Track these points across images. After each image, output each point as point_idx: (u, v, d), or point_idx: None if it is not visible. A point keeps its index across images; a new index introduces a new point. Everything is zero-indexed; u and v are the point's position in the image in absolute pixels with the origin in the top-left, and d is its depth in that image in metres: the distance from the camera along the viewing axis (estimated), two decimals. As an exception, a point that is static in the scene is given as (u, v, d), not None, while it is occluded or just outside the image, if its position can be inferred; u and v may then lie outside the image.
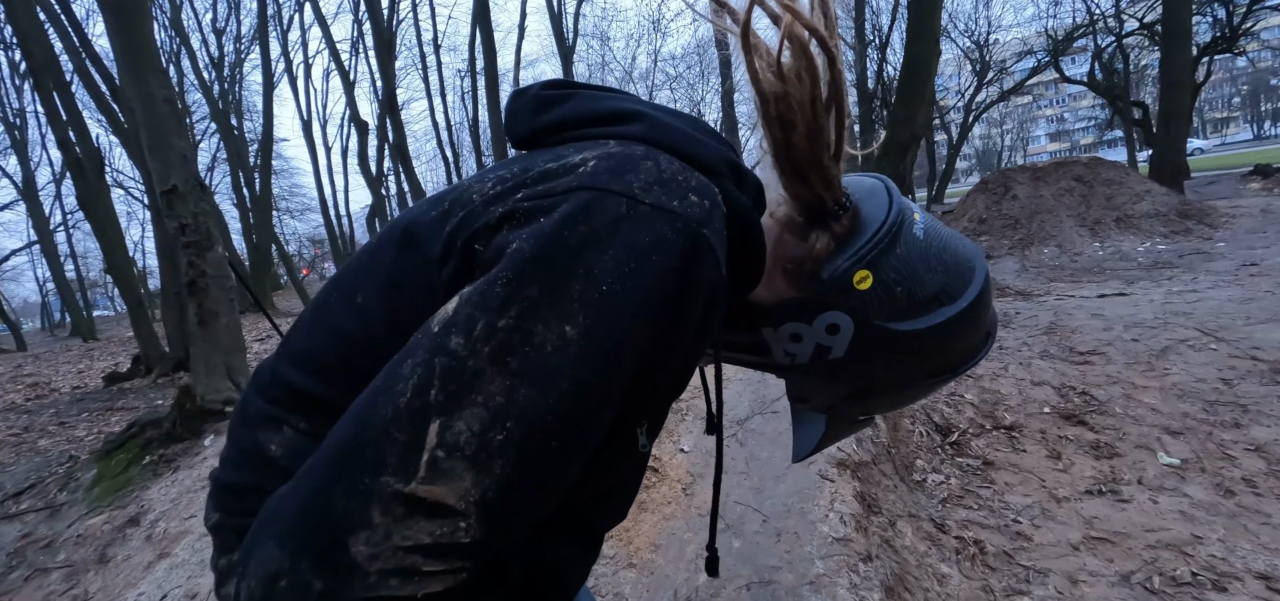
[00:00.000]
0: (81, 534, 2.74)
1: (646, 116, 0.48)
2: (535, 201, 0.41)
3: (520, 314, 0.37)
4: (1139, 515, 2.21)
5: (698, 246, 0.39)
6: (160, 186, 3.06)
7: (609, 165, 0.41)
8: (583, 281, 0.37)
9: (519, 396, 0.36)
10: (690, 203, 0.40)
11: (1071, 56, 16.03)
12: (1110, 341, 3.57)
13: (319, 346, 0.47)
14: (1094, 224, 7.73)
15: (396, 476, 0.36)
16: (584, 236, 0.38)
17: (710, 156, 0.46)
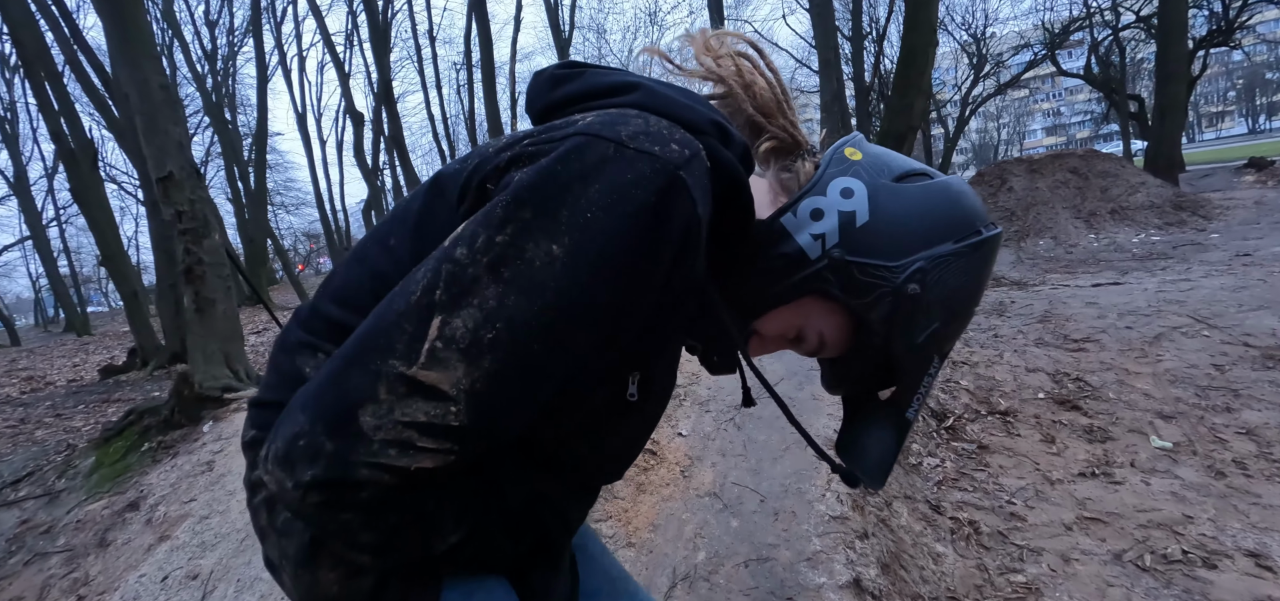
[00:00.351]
0: (81, 519, 2.73)
1: (644, 86, 0.52)
2: (537, 146, 0.47)
3: (515, 232, 0.42)
4: (1131, 496, 2.24)
5: (674, 184, 0.43)
6: (156, 173, 3.05)
7: (603, 119, 0.47)
8: (570, 208, 0.42)
9: (509, 302, 0.41)
10: (671, 149, 0.44)
11: (1068, 50, 16.05)
12: (1104, 329, 3.60)
13: (353, 283, 0.54)
14: (1089, 216, 7.77)
15: (402, 360, 0.41)
16: (574, 171, 0.43)
17: (698, 119, 0.50)
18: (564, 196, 0.42)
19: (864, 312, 0.55)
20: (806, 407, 2.43)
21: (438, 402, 0.41)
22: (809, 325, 0.58)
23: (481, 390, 0.42)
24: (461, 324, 0.41)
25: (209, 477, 2.50)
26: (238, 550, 1.99)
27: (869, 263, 0.54)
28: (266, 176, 17.77)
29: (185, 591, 1.95)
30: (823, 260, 0.54)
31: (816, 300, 0.56)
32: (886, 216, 0.54)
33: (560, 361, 0.44)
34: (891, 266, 0.53)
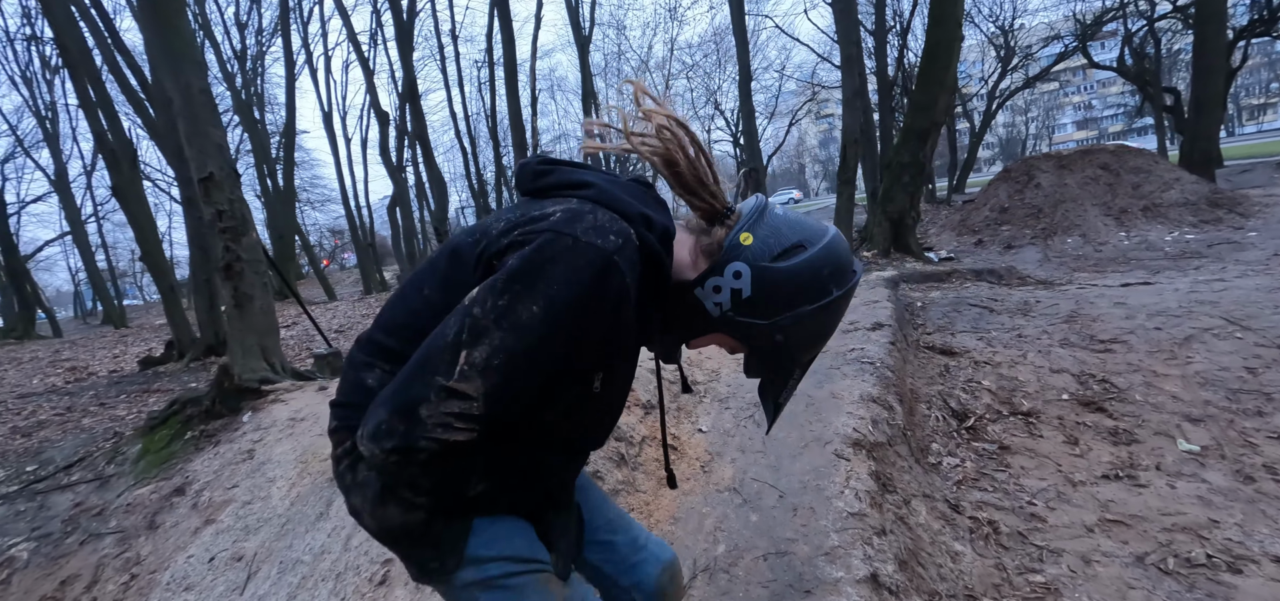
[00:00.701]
0: (130, 503, 2.89)
1: (596, 185, 0.78)
2: (523, 236, 0.71)
3: (510, 298, 0.67)
4: (1155, 499, 2.22)
5: (609, 266, 0.69)
6: (198, 174, 3.18)
7: (566, 217, 0.71)
8: (543, 283, 0.67)
9: (508, 341, 0.67)
10: (609, 239, 0.70)
11: (1100, 41, 15.55)
12: (1132, 330, 3.55)
13: (398, 320, 0.81)
14: (1120, 213, 7.59)
15: (443, 376, 0.67)
16: (546, 257, 0.68)
17: (632, 211, 0.75)
18: (539, 274, 0.68)
19: (751, 346, 0.82)
20: (826, 405, 2.46)
21: (465, 401, 0.67)
22: (723, 344, 0.84)
23: (491, 392, 0.67)
24: (479, 355, 0.67)
25: (250, 465, 2.62)
26: (279, 534, 2.09)
27: (750, 322, 0.78)
28: (294, 174, 18.20)
29: (231, 572, 2.06)
30: (721, 318, 0.79)
31: (722, 334, 0.82)
32: (763, 290, 0.77)
33: (537, 376, 0.70)
34: (765, 324, 0.78)
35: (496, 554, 0.80)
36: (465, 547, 0.79)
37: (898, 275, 5.41)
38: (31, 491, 3.48)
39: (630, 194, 0.79)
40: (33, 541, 2.97)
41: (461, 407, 0.67)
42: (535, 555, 0.83)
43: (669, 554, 1.09)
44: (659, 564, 1.06)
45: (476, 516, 0.80)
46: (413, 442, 0.68)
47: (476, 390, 0.66)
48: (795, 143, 43.12)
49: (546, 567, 0.84)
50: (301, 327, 9.94)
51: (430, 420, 0.67)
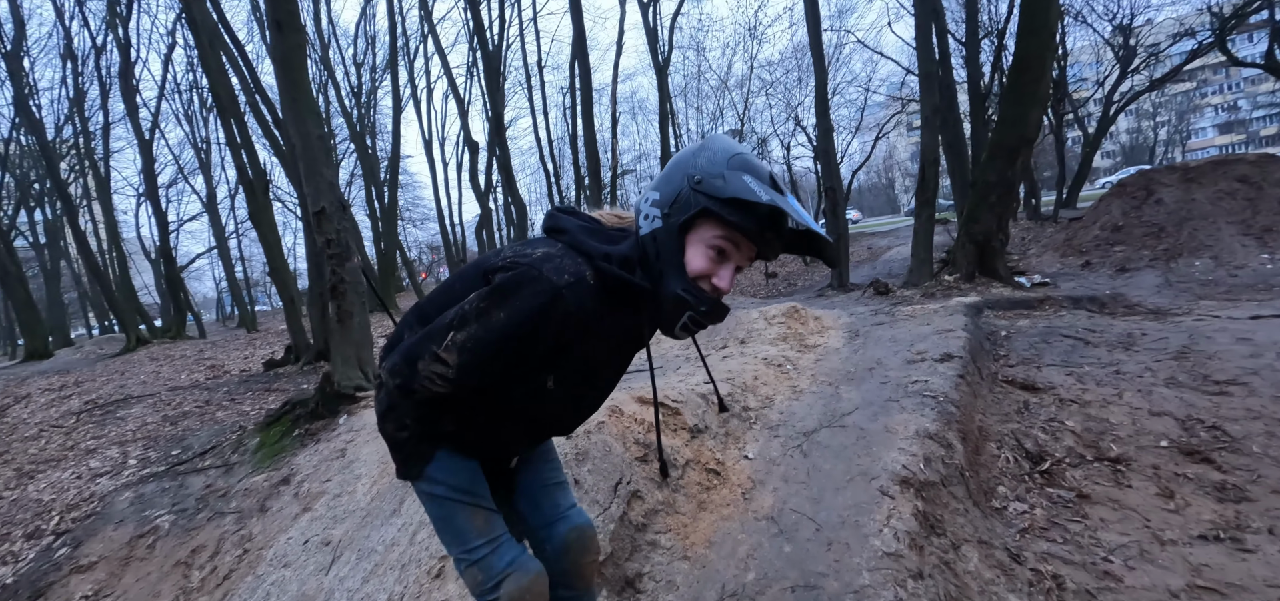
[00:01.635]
0: (247, 488, 3.35)
1: (569, 233, 1.04)
2: (510, 264, 0.98)
3: (488, 304, 0.96)
4: (1263, 568, 1.97)
5: (557, 296, 0.94)
6: (312, 207, 3.67)
7: (540, 256, 0.98)
8: (510, 298, 0.95)
9: (478, 332, 0.96)
10: (563, 276, 0.95)
11: (1246, 33, 13.59)
12: (1256, 370, 3.14)
13: (438, 300, 1.10)
14: (1263, 231, 6.65)
15: (437, 345, 0.98)
16: (516, 282, 0.95)
17: (594, 252, 1.00)
18: (510, 292, 0.95)
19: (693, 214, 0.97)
20: (878, 439, 2.41)
21: (445, 367, 0.97)
22: (710, 237, 0.98)
23: (462, 366, 0.97)
24: (459, 337, 0.96)
25: (342, 462, 2.96)
26: (361, 524, 2.37)
27: (672, 195, 0.99)
28: (397, 195, 19.93)
29: (319, 555, 2.35)
30: (664, 220, 0.98)
31: (692, 239, 0.98)
32: (662, 183, 1.01)
33: (497, 362, 0.98)
34: (679, 186, 0.98)
35: (443, 478, 1.10)
36: (427, 467, 1.10)
37: (981, 301, 5.08)
38: (174, 473, 4.11)
39: (599, 237, 1.03)
40: (172, 514, 3.52)
41: (442, 370, 0.97)
42: (473, 490, 1.12)
43: (583, 519, 1.31)
44: (569, 524, 1.28)
45: (444, 447, 1.10)
46: (409, 384, 1.01)
47: (453, 361, 0.96)
48: (883, 156, 41.12)
49: (479, 502, 1.12)
50: (398, 336, 10.82)
51: (423, 372, 0.98)
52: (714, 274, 0.98)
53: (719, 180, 0.94)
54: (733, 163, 0.95)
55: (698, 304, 0.97)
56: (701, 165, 0.96)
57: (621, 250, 1.01)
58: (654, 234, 0.99)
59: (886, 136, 21.29)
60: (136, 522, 3.60)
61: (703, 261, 0.97)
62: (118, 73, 14.95)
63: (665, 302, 0.99)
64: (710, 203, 0.94)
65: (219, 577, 2.85)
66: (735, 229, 0.95)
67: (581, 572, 1.29)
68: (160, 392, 7.83)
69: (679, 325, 1.00)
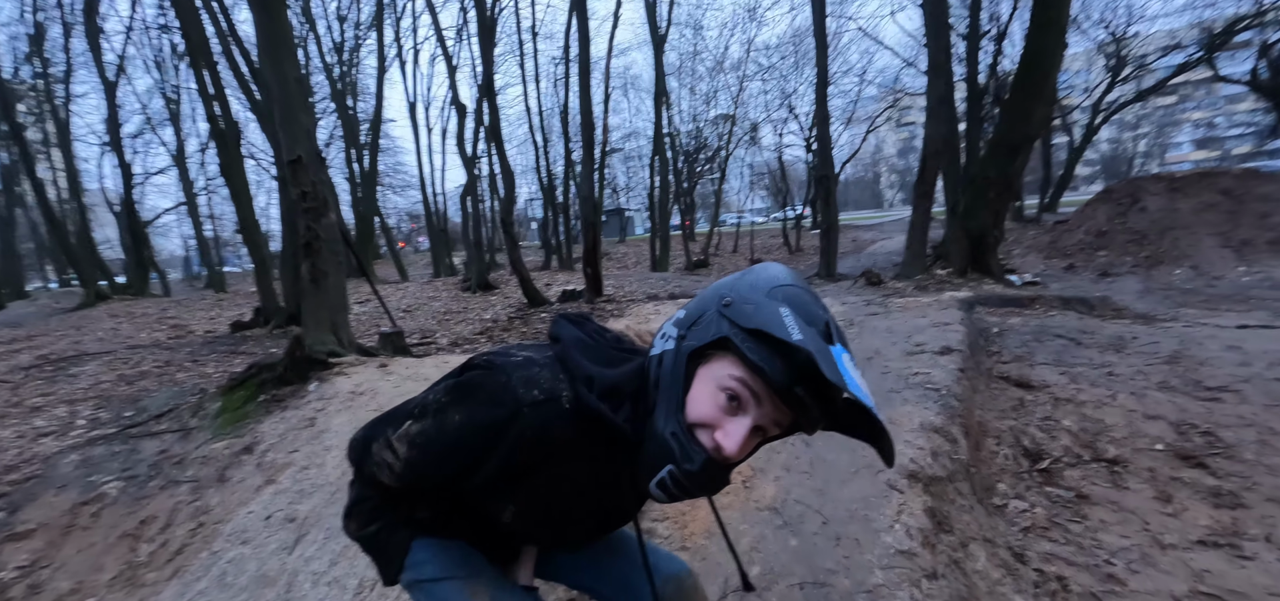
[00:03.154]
0: (206, 456, 3.13)
1: (564, 342, 0.86)
2: (485, 362, 0.84)
3: (447, 401, 0.82)
4: (1262, 576, 1.94)
5: (517, 414, 0.77)
6: (287, 156, 3.42)
7: (518, 362, 0.82)
8: (472, 401, 0.80)
9: (430, 431, 0.83)
10: (532, 393, 0.78)
11: (1230, 52, 13.85)
12: (1248, 379, 3.14)
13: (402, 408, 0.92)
14: (1241, 244, 6.76)
15: (392, 430, 0.86)
16: (480, 384, 0.81)
17: (578, 369, 0.81)
18: (469, 394, 0.81)
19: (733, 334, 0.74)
20: (880, 431, 2.32)
21: (394, 456, 0.85)
22: (723, 376, 0.74)
23: (408, 461, 0.84)
24: (413, 429, 0.84)
25: (311, 432, 2.77)
26: (329, 501, 2.20)
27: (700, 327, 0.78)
28: (378, 159, 19.32)
29: (283, 531, 2.18)
30: (679, 341, 0.79)
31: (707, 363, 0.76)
32: (690, 314, 0.81)
33: (443, 467, 0.83)
34: (707, 317, 0.78)
35: (431, 557, 0.93)
36: (406, 558, 0.93)
37: (974, 297, 5.05)
38: (126, 435, 3.86)
39: (595, 355, 0.84)
40: (122, 480, 3.28)
41: (390, 460, 0.85)
42: (467, 563, 0.94)
43: (678, 566, 1.06)
44: (659, 575, 1.01)
45: (421, 535, 0.93)
46: (361, 465, 0.91)
47: (401, 455, 0.84)
48: (872, 151, 41.38)
49: (480, 575, 0.94)
50: (373, 305, 10.52)
51: (375, 455, 0.87)
52: (719, 426, 0.73)
53: (749, 306, 0.73)
54: (774, 293, 0.73)
55: (683, 457, 0.73)
56: (740, 288, 0.76)
57: (613, 375, 0.81)
58: (662, 356, 0.79)
59: (877, 131, 21.34)
60: (81, 488, 3.35)
61: (707, 405, 0.74)
62: (82, 10, 14.09)
63: (646, 444, 0.76)
64: (732, 331, 0.72)
65: (170, 552, 2.65)
66: (756, 372, 0.71)
67: None
68: (118, 350, 7.45)
69: (655, 481, 0.76)
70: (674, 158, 19.11)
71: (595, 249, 7.55)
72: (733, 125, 18.87)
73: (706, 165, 20.66)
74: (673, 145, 18.69)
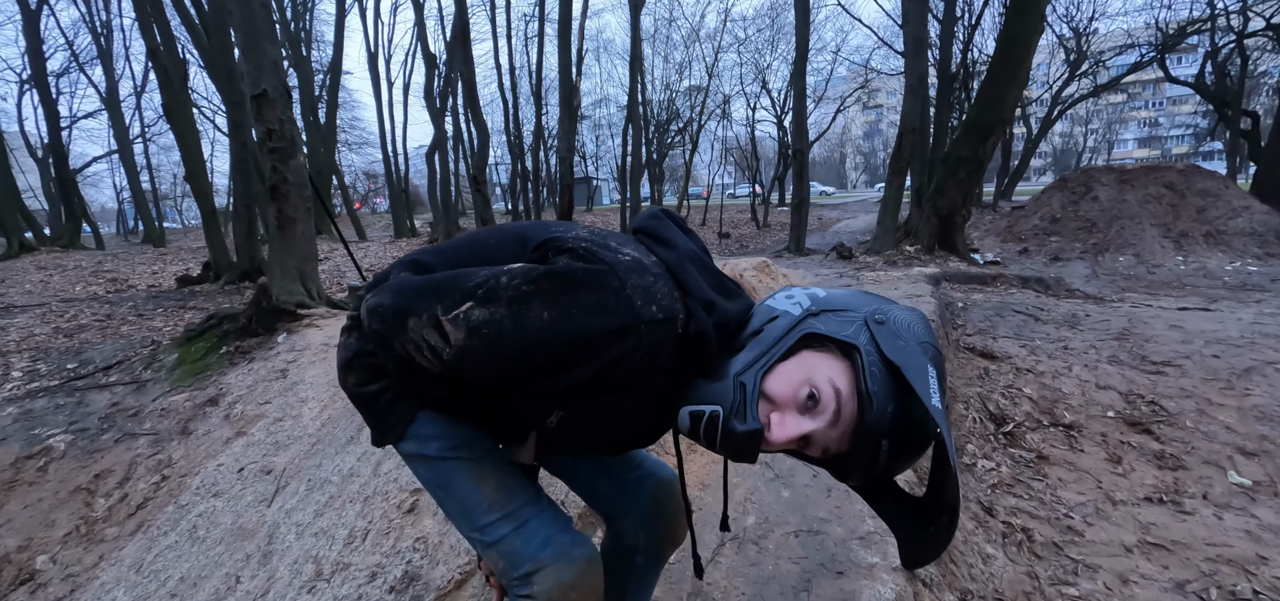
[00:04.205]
0: (165, 408, 2.98)
1: (677, 250, 0.75)
2: (588, 253, 0.69)
3: (533, 292, 0.66)
4: (1200, 528, 2.12)
5: (632, 327, 0.65)
6: (252, 89, 3.18)
7: (631, 265, 0.68)
8: (568, 299, 0.65)
9: (505, 322, 0.66)
10: (650, 309, 0.66)
11: (1179, 55, 14.57)
12: (1188, 355, 3.38)
13: (447, 256, 0.82)
14: (1180, 236, 7.22)
15: (442, 308, 0.69)
16: (588, 284, 0.66)
17: (697, 288, 0.71)
18: (572, 291, 0.66)
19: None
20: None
21: (443, 341, 0.69)
22: (821, 375, 0.68)
23: (463, 350, 0.68)
24: (478, 314, 0.67)
25: (283, 384, 2.66)
26: (309, 452, 2.13)
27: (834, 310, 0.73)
28: (337, 113, 18.38)
29: (259, 484, 2.10)
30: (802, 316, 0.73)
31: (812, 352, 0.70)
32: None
33: (509, 366, 0.68)
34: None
35: (438, 433, 0.84)
36: (409, 427, 0.84)
37: (940, 273, 5.25)
38: (71, 387, 3.63)
39: (708, 274, 0.75)
40: (70, 434, 3.09)
41: (437, 343, 0.69)
42: (475, 444, 0.86)
43: (667, 471, 1.05)
44: (654, 479, 1.02)
45: (429, 409, 0.85)
46: (391, 340, 0.74)
47: (455, 340, 0.68)
48: (840, 131, 41.94)
49: (487, 459, 0.86)
50: (333, 263, 10.13)
51: (412, 332, 0.71)
52: (783, 411, 0.68)
53: (900, 342, 0.67)
54: (927, 347, 0.68)
55: (736, 412, 0.68)
56: (898, 317, 0.70)
57: (731, 310, 0.74)
58: (777, 316, 0.73)
59: (846, 110, 21.63)
60: (24, 441, 3.14)
61: (787, 387, 0.68)
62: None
63: (708, 377, 0.71)
64: (868, 348, 0.67)
65: (131, 507, 2.52)
66: (860, 399, 0.65)
67: (675, 537, 1.05)
68: (50, 303, 6.95)
69: (691, 410, 0.71)
70: (645, 126, 18.93)
71: (569, 212, 7.45)
72: (706, 97, 18.76)
73: (677, 136, 20.55)
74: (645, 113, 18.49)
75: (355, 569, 1.49)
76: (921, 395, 0.61)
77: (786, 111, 16.53)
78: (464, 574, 1.40)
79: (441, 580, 1.38)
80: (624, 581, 1.06)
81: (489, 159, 10.89)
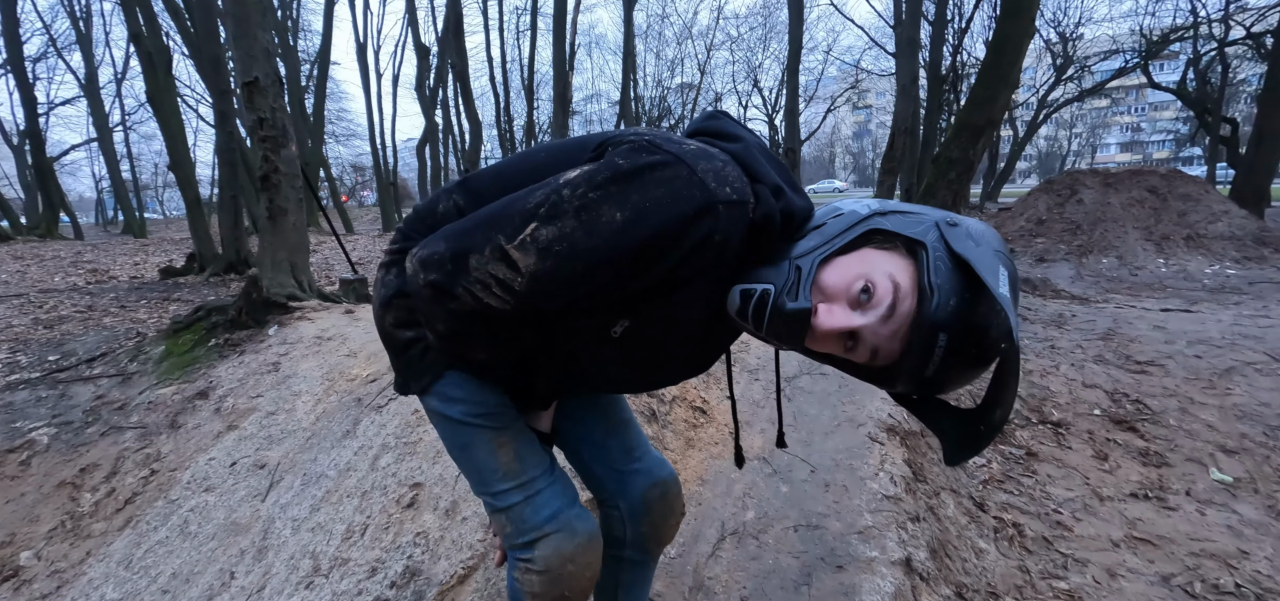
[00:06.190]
0: (152, 401, 2.92)
1: (744, 143, 0.72)
2: (647, 144, 0.66)
3: (600, 197, 0.63)
4: (1184, 524, 2.17)
5: (708, 209, 0.62)
6: (243, 77, 3.11)
7: (696, 152, 0.65)
8: (639, 195, 0.62)
9: (577, 235, 0.62)
10: (723, 190, 0.63)
11: (1162, 61, 14.85)
12: (1170, 355, 3.45)
13: (501, 179, 0.79)
14: (1161, 239, 7.36)
15: (506, 237, 0.64)
16: (654, 174, 0.63)
17: (765, 175, 0.69)
18: (640, 185, 0.62)
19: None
20: (859, 388, 2.42)
21: (512, 271, 0.64)
22: (881, 270, 0.66)
23: (540, 275, 0.63)
24: (546, 233, 0.63)
25: (275, 377, 2.63)
26: (304, 446, 2.10)
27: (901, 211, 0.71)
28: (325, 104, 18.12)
29: (253, 478, 2.07)
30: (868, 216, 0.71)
31: (875, 249, 0.68)
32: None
33: (588, 282, 0.65)
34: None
35: (460, 395, 0.83)
36: (436, 382, 0.83)
37: (928, 273, 5.29)
38: (53, 380, 3.55)
39: (775, 166, 0.72)
40: (53, 427, 3.03)
41: (506, 275, 0.64)
42: (499, 413, 0.85)
43: (666, 471, 1.06)
44: (650, 478, 1.03)
45: (458, 368, 0.82)
46: (452, 286, 0.67)
47: (527, 266, 0.63)
48: (830, 131, 42.17)
49: (507, 428, 0.86)
50: (321, 255, 10.00)
51: (475, 271, 0.65)
52: (835, 301, 0.67)
53: (971, 243, 0.63)
54: (1000, 253, 0.64)
55: (788, 290, 0.67)
56: (973, 225, 0.67)
57: (799, 202, 0.72)
58: (843, 213, 0.71)
59: (836, 110, 21.78)
60: (4, 435, 3.07)
61: (842, 278, 0.67)
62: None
63: (766, 258, 0.70)
64: (937, 245, 0.64)
65: (119, 501, 2.48)
66: (920, 294, 0.63)
67: (661, 537, 1.05)
68: (29, 294, 6.79)
69: (743, 288, 0.70)
70: (637, 122, 18.90)
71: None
72: (697, 95, 18.78)
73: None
74: (637, 109, 18.45)
75: (354, 564, 1.48)
76: (990, 286, 0.58)
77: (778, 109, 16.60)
78: (467, 568, 1.39)
79: (444, 575, 1.38)
80: (615, 571, 1.07)
81: (481, 152, 10.83)
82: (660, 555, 1.11)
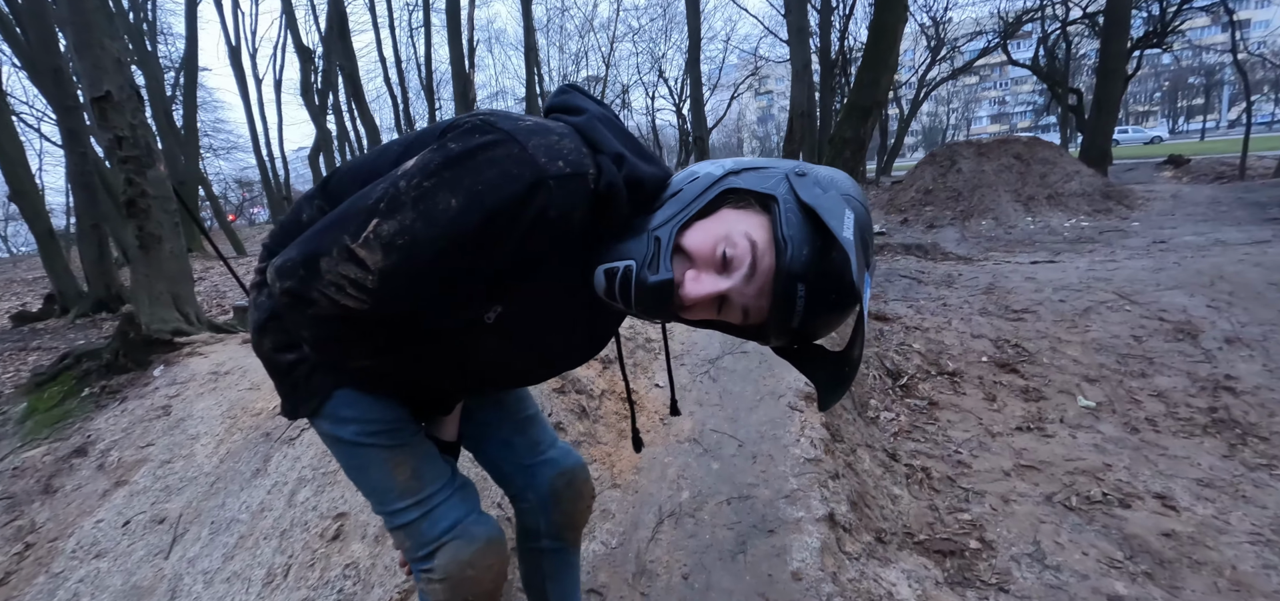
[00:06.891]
0: (17, 467, 2.56)
1: (588, 114, 0.71)
2: (481, 123, 0.66)
3: (434, 184, 0.62)
4: (1060, 447, 2.48)
5: (540, 185, 0.61)
6: (92, 92, 2.74)
7: (529, 128, 0.65)
8: (471, 179, 0.61)
9: (417, 226, 0.62)
10: (556, 164, 0.62)
11: (1018, 40, 16.73)
12: (1040, 302, 3.90)
13: (356, 175, 0.77)
14: (1028, 199, 8.26)
15: (351, 236, 0.63)
16: (484, 155, 0.62)
17: (606, 144, 0.68)
18: (471, 169, 0.62)
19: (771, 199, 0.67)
20: (777, 363, 2.55)
21: (361, 270, 0.63)
22: (737, 231, 0.66)
23: (387, 271, 0.63)
24: (386, 228, 0.62)
25: (166, 422, 2.38)
26: (208, 493, 1.93)
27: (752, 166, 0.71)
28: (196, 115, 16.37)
29: (151, 535, 1.88)
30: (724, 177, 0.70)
31: (732, 209, 0.68)
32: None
33: (439, 270, 0.64)
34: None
35: (356, 415, 0.82)
36: (325, 403, 0.81)
37: (835, 247, 5.63)
38: (-116, 455, 3.01)
39: (619, 136, 0.71)
40: (-109, 510, 2.58)
41: (357, 275, 0.63)
42: (394, 428, 0.84)
43: (572, 460, 1.08)
44: (555, 468, 1.05)
45: (347, 385, 0.81)
46: (307, 292, 0.66)
47: (374, 263, 0.63)
48: (736, 117, 43.60)
49: (402, 445, 0.84)
50: (210, 282, 9.10)
51: (327, 275, 0.64)
52: (701, 268, 0.67)
53: (818, 190, 0.65)
54: (848, 197, 0.65)
55: (649, 264, 0.67)
56: (820, 173, 0.68)
57: (644, 168, 0.71)
58: (697, 177, 0.71)
59: (739, 97, 22.56)
60: None
61: (703, 242, 0.67)
62: None
63: (625, 233, 0.70)
64: (786, 196, 0.65)
65: (-16, 583, 2.16)
66: (776, 247, 0.64)
67: (574, 523, 1.08)
68: None
69: (605, 268, 0.69)
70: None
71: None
72: (604, 87, 18.80)
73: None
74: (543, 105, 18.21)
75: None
76: (834, 231, 0.59)
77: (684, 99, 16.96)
78: (403, 593, 1.35)
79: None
80: (537, 562, 1.10)
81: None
82: (578, 541, 1.14)
